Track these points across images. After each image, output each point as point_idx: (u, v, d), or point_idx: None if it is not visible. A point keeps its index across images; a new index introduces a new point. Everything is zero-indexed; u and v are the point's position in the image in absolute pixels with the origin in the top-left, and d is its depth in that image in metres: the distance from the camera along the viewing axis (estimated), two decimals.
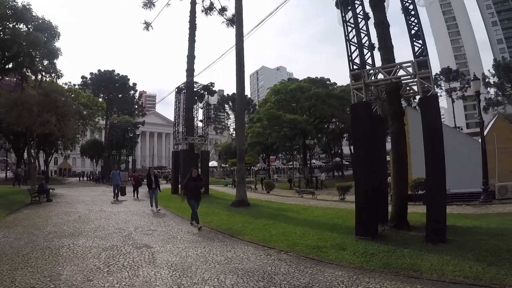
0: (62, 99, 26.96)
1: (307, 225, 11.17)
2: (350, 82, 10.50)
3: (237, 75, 17.97)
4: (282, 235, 9.52)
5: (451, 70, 74.39)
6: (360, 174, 9.84)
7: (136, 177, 23.66)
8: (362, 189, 9.63)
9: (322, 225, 11.18)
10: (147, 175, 16.26)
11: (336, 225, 11.09)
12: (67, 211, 14.63)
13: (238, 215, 13.59)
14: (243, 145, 18.24)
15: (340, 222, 11.69)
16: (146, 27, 30.39)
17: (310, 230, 10.11)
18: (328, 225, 11.06)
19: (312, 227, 10.72)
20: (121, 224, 11.43)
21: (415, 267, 6.39)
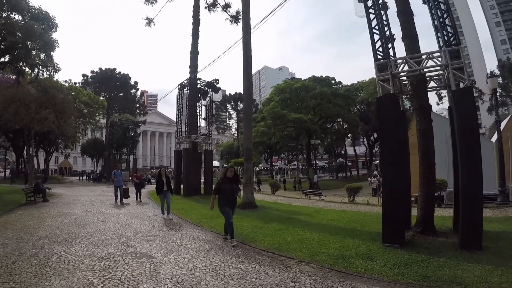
0: (61, 96, 25.97)
1: (324, 230, 10.23)
2: (375, 73, 9.61)
3: (244, 70, 17.03)
4: (299, 242, 8.57)
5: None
6: (388, 175, 8.92)
7: (139, 178, 21.30)
8: (390, 192, 8.73)
9: (340, 230, 10.25)
10: (158, 175, 13.80)
11: (356, 230, 10.15)
12: (63, 213, 13.66)
13: (246, 218, 12.61)
14: (251, 144, 17.23)
15: (359, 227, 10.77)
16: (148, 23, 29.76)
17: (329, 236, 9.19)
18: (346, 231, 10.11)
19: (330, 232, 9.79)
20: (120, 228, 10.44)
21: (457, 279, 5.64)
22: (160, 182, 13.10)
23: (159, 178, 13.25)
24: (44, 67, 24.69)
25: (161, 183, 13.04)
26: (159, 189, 13.10)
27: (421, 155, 10.11)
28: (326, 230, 10.15)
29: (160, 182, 13.09)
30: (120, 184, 18.22)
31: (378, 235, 8.88)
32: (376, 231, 9.66)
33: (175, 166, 28.06)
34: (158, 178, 13.41)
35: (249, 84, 17.02)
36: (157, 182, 13.36)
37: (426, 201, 9.71)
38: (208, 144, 25.86)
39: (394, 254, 7.25)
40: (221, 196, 8.64)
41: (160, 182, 13.08)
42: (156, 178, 13.77)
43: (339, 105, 45.03)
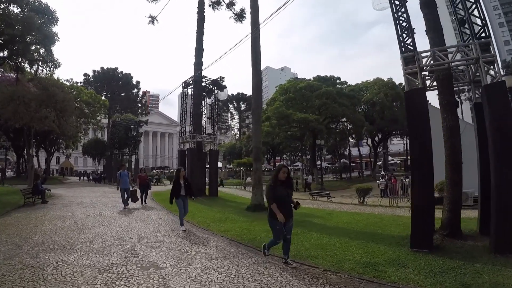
0: (62, 94, 25.24)
1: (343, 234, 9.51)
2: (402, 66, 8.95)
3: (253, 66, 16.33)
4: (320, 248, 7.85)
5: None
6: (418, 175, 8.24)
7: (144, 178, 18.84)
8: (420, 193, 8.09)
9: (359, 234, 9.56)
10: (176, 176, 11.08)
11: (376, 234, 9.43)
12: (62, 216, 12.90)
13: (257, 221, 11.82)
14: (260, 143, 16.42)
15: (379, 231, 10.08)
16: (151, 21, 29.17)
17: (350, 241, 8.50)
18: (366, 235, 9.42)
19: (349, 237, 9.10)
20: (123, 233, 9.67)
21: (500, 286, 5.16)
22: (177, 186, 10.66)
23: (177, 180, 10.78)
24: (44, 62, 23.86)
25: (179, 186, 10.63)
26: (175, 193, 10.55)
27: (448, 153, 9.35)
28: (345, 234, 9.46)
29: (177, 185, 10.65)
30: (127, 186, 16.21)
31: (402, 239, 8.45)
32: (398, 234, 9.21)
33: (178, 166, 27.35)
34: (175, 180, 10.89)
35: (258, 80, 16.29)
36: (174, 185, 10.80)
37: (452, 202, 9.05)
38: (213, 144, 25.09)
39: (426, 260, 6.66)
40: (279, 204, 6.31)
41: (177, 185, 10.65)
42: (173, 181, 11.17)
43: (344, 105, 44.37)
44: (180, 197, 10.59)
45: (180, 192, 10.58)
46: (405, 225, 10.70)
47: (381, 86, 56.89)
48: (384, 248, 7.72)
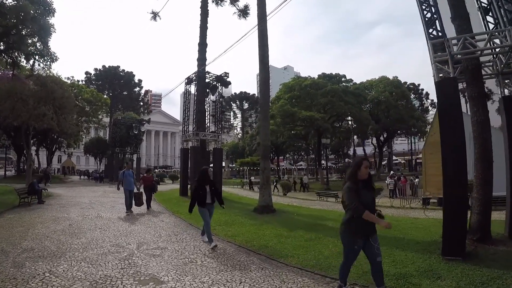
0: (60, 91, 24.40)
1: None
2: (430, 54, 8.17)
3: (260, 60, 15.44)
4: (340, 256, 6.82)
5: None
6: (450, 175, 7.42)
7: (149, 180, 15.97)
8: (452, 195, 7.32)
9: (380, 239, 8.60)
10: (200, 176, 8.38)
11: (399, 240, 8.64)
12: (57, 217, 12.06)
13: (266, 225, 10.98)
14: (268, 141, 15.45)
15: (400, 235, 9.26)
16: (154, 16, 28.41)
17: None
18: (388, 240, 8.49)
19: None
20: (120, 238, 8.80)
21: None
22: (201, 191, 8.17)
23: (201, 184, 8.23)
24: (41, 56, 22.93)
25: (203, 192, 8.16)
26: (201, 200, 8.15)
27: (479, 151, 8.59)
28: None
29: (202, 190, 8.17)
30: (131, 187, 13.99)
31: (429, 244, 7.85)
32: (422, 239, 8.53)
33: (181, 166, 26.36)
34: (199, 183, 8.27)
35: (265, 75, 15.40)
36: (197, 189, 8.27)
37: (483, 204, 8.27)
38: (217, 142, 24.21)
39: (461, 269, 5.96)
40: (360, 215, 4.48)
41: (202, 191, 8.16)
42: (196, 184, 8.46)
43: (350, 103, 43.53)
44: (206, 205, 8.21)
45: (205, 199, 8.17)
46: (426, 229, 10.10)
47: (386, 84, 56.11)
48: (412, 256, 6.95)
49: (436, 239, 8.36)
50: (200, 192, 8.17)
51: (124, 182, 13.95)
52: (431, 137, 20.70)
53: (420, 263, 6.47)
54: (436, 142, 20.10)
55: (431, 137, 20.73)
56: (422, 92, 72.20)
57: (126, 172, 14.24)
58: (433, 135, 20.69)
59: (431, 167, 20.14)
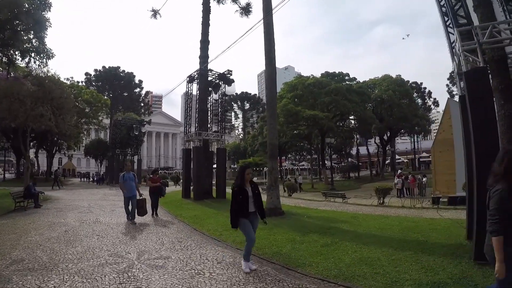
0: (58, 90, 23.69)
1: (382, 244, 8.00)
2: (458, 42, 7.54)
3: (266, 55, 14.70)
4: (363, 263, 6.38)
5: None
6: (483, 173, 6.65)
7: (156, 181, 14.07)
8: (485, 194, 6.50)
9: (401, 243, 8.03)
10: (239, 177, 6.39)
11: (422, 243, 7.99)
12: (53, 223, 11.32)
13: (277, 229, 10.23)
14: (276, 139, 14.59)
15: (421, 238, 8.64)
16: (154, 14, 28.08)
17: (396, 253, 7.08)
18: (410, 244, 7.94)
19: (392, 247, 7.63)
20: (119, 246, 8.04)
21: None
22: (243, 196, 6.11)
23: (242, 188, 6.17)
24: (37, 53, 22.10)
25: (245, 198, 6.11)
26: (243, 211, 6.10)
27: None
28: (386, 244, 7.94)
29: (243, 194, 6.11)
30: (133, 193, 11.80)
31: (455, 248, 7.28)
32: (446, 242, 7.92)
33: (183, 167, 25.55)
34: (240, 187, 6.18)
35: (272, 70, 14.62)
36: (236, 196, 6.16)
37: None
38: (220, 142, 23.45)
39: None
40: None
41: (244, 196, 6.11)
42: (236, 188, 6.26)
43: (354, 101, 42.87)
44: (249, 215, 6.18)
45: (248, 207, 6.09)
46: (446, 231, 9.40)
47: (389, 83, 55.46)
48: (441, 261, 6.31)
49: (461, 241, 7.91)
50: (242, 198, 6.06)
51: (124, 186, 11.78)
52: (440, 135, 20.05)
53: (452, 269, 5.87)
54: (445, 140, 19.52)
55: (440, 135, 20.08)
56: (425, 90, 71.66)
57: (126, 175, 11.93)
58: (442, 132, 20.03)
59: (441, 165, 19.49)
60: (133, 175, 12.28)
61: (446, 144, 19.01)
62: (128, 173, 12.07)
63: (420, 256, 6.74)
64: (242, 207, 6.09)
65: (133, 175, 12.32)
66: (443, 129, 19.98)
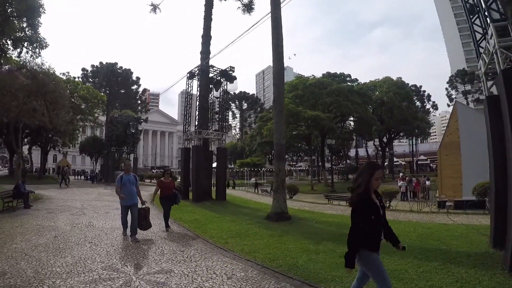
0: (52, 84, 22.69)
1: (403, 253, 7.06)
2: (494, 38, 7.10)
3: (273, 49, 13.92)
4: (392, 277, 5.57)
5: (466, 72, 73.41)
6: None
7: (170, 187, 10.86)
8: None
9: (423, 251, 7.51)
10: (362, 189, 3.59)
11: (446, 252, 7.49)
12: (42, 227, 10.38)
13: (287, 236, 9.40)
14: (283, 138, 13.63)
15: (442, 246, 8.14)
16: (154, 9, 27.22)
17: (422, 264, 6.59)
18: (434, 253, 7.42)
19: (415, 256, 7.08)
20: (114, 256, 7.13)
21: None
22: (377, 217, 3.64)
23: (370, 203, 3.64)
24: (30, 43, 20.86)
25: (379, 218, 3.68)
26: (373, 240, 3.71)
27: None
28: (408, 254, 7.16)
29: (377, 214, 3.65)
30: (133, 201, 9.20)
31: (483, 257, 6.83)
32: (471, 251, 7.47)
33: (182, 167, 24.54)
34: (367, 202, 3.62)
35: (280, 65, 13.79)
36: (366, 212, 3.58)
37: None
38: (220, 141, 22.54)
39: None
40: None
41: (377, 216, 3.65)
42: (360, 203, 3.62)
43: (356, 102, 42.21)
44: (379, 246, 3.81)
45: (381, 233, 3.77)
46: (465, 238, 8.96)
47: (390, 85, 55.43)
48: (474, 273, 5.87)
49: (486, 250, 7.53)
50: (373, 217, 3.60)
51: (122, 190, 9.07)
52: (447, 138, 19.60)
53: (486, 281, 5.45)
54: (452, 143, 18.88)
55: (447, 137, 19.63)
56: (424, 93, 71.66)
57: (125, 177, 9.24)
58: (448, 135, 19.54)
59: (447, 169, 18.96)
60: (134, 177, 9.56)
61: (452, 147, 18.55)
62: (128, 175, 9.34)
63: (449, 267, 6.25)
64: (373, 233, 3.66)
65: (134, 177, 9.60)
66: (450, 132, 19.51)
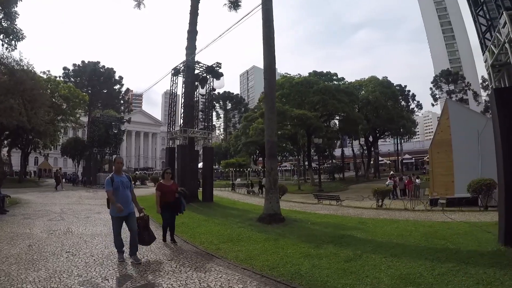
0: (31, 82, 21.59)
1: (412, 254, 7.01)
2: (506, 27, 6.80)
3: (264, 42, 13.22)
4: (407, 283, 5.29)
5: (450, 73, 74.60)
6: None
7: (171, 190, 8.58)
8: None
9: (433, 252, 7.11)
10: None
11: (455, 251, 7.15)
12: (16, 234, 9.45)
13: (283, 239, 8.75)
14: (275, 136, 12.87)
15: (450, 245, 7.75)
16: (138, 4, 26.44)
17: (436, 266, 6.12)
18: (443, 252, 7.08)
19: (426, 257, 6.65)
20: (94, 268, 6.25)
21: None
22: None
23: None
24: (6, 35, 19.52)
25: None
26: None
27: None
28: (417, 255, 6.92)
29: None
30: (129, 209, 6.95)
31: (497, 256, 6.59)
32: (481, 249, 7.19)
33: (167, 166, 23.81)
34: None
35: (271, 59, 13.06)
36: None
37: None
38: (207, 140, 21.76)
39: None
40: None
41: None
42: None
43: (343, 101, 42.00)
44: None
45: None
46: (470, 236, 8.67)
47: (376, 84, 55.67)
48: (493, 273, 5.53)
49: (496, 247, 7.27)
50: None
51: (116, 196, 6.76)
52: (438, 135, 19.51)
53: (509, 281, 5.16)
54: (443, 141, 18.69)
55: (438, 135, 19.52)
56: (409, 93, 72.44)
57: (117, 179, 6.86)
58: (439, 133, 19.43)
59: (439, 166, 18.83)
60: (128, 179, 7.18)
61: (444, 144, 18.48)
62: (120, 176, 6.98)
63: (465, 268, 5.88)
64: None
65: (128, 178, 7.21)
66: (441, 129, 19.39)
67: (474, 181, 14.54)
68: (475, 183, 14.43)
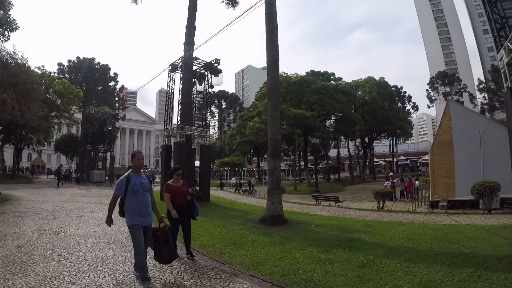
0: (24, 76, 20.96)
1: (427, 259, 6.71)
2: None
3: (267, 37, 12.76)
4: None
5: (447, 74, 74.75)
6: None
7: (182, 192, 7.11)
8: None
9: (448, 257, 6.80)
10: None
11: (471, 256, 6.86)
12: (5, 234, 8.89)
13: (289, 243, 8.29)
14: (279, 134, 12.36)
15: (464, 250, 7.46)
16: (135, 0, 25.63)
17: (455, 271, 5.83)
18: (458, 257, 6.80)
19: (442, 262, 6.40)
20: (88, 274, 5.68)
21: None
22: None
23: None
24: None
25: None
26: None
27: None
28: (433, 260, 6.66)
29: None
30: (150, 221, 5.55)
31: None
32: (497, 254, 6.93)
33: (162, 165, 22.98)
34: None
35: (275, 55, 12.57)
36: None
37: None
38: (204, 138, 21.25)
39: None
40: None
41: None
42: None
43: (341, 101, 41.61)
44: None
45: None
46: (481, 239, 8.45)
47: (373, 85, 55.45)
48: None
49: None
50: None
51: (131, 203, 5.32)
52: (440, 137, 19.25)
53: None
54: (444, 142, 18.40)
55: (439, 136, 19.23)
56: (405, 95, 72.51)
57: (134, 180, 5.38)
58: (441, 134, 19.16)
59: (440, 168, 18.62)
60: (148, 180, 5.68)
61: (445, 146, 18.27)
62: (139, 176, 5.52)
63: (486, 274, 5.63)
64: None
65: (148, 179, 5.70)
66: (442, 130, 19.13)
67: (478, 183, 14.38)
68: (479, 186, 14.26)
